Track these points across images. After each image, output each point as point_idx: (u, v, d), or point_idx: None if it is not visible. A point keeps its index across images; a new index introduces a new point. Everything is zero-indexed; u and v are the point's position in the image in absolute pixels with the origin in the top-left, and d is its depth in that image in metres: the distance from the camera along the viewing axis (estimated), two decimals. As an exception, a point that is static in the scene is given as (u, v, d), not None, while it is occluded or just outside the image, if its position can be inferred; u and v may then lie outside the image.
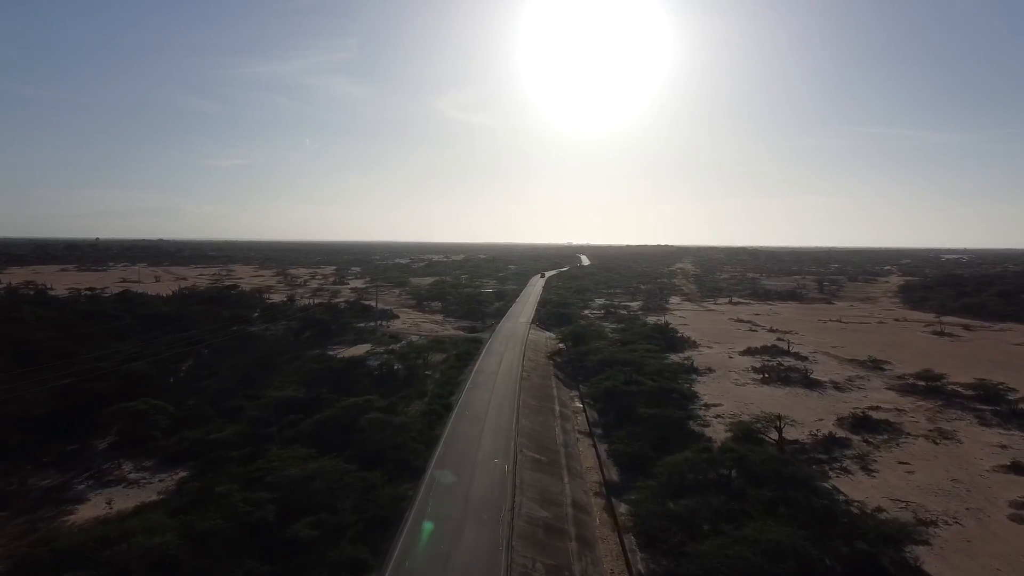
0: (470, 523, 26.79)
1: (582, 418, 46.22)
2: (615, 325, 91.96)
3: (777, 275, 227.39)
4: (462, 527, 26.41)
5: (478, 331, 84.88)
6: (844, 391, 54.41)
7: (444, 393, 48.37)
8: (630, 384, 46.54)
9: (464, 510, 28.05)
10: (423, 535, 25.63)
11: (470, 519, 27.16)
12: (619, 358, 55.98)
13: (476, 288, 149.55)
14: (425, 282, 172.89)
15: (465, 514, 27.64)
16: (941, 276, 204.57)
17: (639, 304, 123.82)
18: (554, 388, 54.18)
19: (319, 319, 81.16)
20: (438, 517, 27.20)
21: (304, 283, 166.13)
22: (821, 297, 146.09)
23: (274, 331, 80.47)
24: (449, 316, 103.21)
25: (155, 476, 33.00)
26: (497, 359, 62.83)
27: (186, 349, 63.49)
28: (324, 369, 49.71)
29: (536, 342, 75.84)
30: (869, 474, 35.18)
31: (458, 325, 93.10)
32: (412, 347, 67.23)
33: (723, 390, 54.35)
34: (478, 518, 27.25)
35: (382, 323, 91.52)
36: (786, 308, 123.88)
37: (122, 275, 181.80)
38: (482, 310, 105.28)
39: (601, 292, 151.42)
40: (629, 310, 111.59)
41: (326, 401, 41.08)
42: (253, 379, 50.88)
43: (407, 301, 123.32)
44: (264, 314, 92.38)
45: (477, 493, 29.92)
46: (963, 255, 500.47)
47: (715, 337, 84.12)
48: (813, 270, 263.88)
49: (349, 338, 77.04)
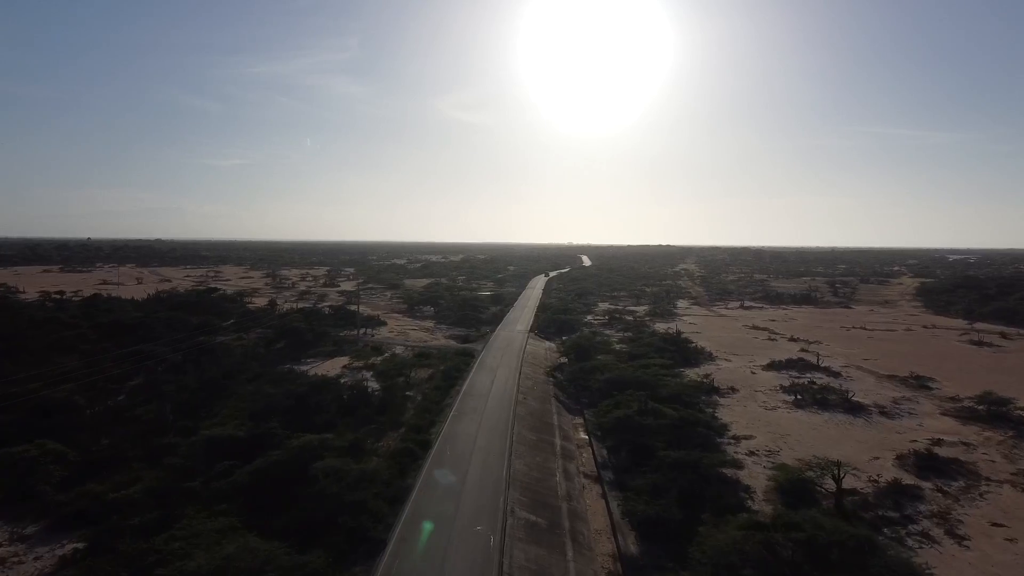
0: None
1: (588, 454, 38.49)
2: (621, 334, 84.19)
3: (785, 277, 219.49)
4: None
5: (471, 340, 77.10)
6: (893, 417, 46.60)
7: (423, 424, 40.62)
8: (645, 414, 38.78)
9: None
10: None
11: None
12: (630, 377, 48.18)
13: (472, 291, 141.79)
14: (420, 284, 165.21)
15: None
16: (957, 278, 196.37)
17: (645, 309, 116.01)
18: (554, 414, 46.42)
19: (294, 328, 73.37)
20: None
21: (292, 285, 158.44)
22: (837, 301, 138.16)
23: (246, 341, 72.80)
24: (441, 323, 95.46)
25: (33, 551, 25.25)
26: (490, 376, 55.10)
27: (138, 365, 55.81)
28: (282, 394, 41.85)
29: (534, 354, 68.10)
30: (959, 543, 27.40)
31: (450, 333, 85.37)
32: (394, 362, 59.47)
33: (752, 416, 46.55)
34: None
35: (367, 331, 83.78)
36: (802, 313, 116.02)
37: (104, 277, 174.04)
38: (477, 316, 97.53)
39: (604, 295, 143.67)
40: (635, 316, 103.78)
41: (274, 439, 33.32)
42: (198, 405, 43.17)
43: (398, 306, 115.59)
44: (239, 322, 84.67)
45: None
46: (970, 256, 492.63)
47: (732, 348, 76.31)
48: (821, 271, 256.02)
49: (327, 349, 69.24)
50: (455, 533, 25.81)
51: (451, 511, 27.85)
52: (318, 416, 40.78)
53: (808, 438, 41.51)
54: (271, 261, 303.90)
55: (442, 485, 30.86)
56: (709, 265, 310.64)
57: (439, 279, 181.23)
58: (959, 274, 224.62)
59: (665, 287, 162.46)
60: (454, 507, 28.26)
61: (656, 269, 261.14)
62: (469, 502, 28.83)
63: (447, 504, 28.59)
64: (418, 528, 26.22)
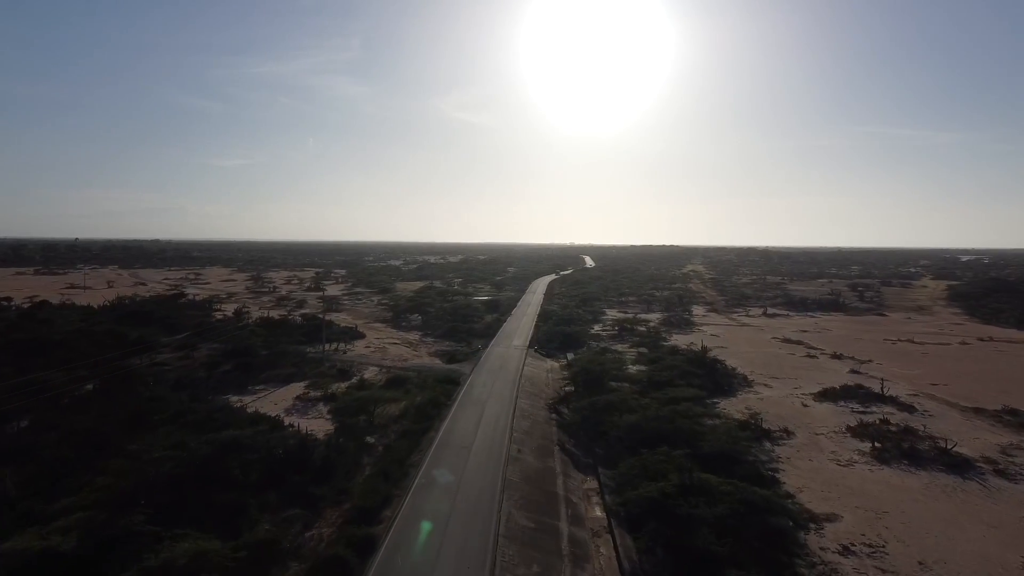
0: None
1: (608, 548, 26.69)
2: (636, 349, 72.31)
3: (801, 279, 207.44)
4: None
5: (460, 359, 65.27)
6: (1016, 480, 34.68)
7: (374, 502, 28.74)
8: (690, 493, 26.95)
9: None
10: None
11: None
12: (662, 428, 36.26)
13: (467, 296, 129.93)
14: (413, 288, 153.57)
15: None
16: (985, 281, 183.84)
17: (658, 317, 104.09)
18: (559, 476, 34.52)
19: (246, 347, 61.63)
20: None
21: (273, 290, 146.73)
22: (866, 307, 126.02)
23: (191, 361, 61.16)
24: (429, 335, 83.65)
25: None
26: (477, 413, 43.32)
27: (31, 399, 44.06)
28: (178, 459, 29.88)
29: (534, 379, 56.28)
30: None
31: (437, 348, 73.58)
32: (357, 394, 47.60)
33: (826, 478, 34.61)
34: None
35: (339, 347, 71.99)
36: (833, 322, 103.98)
37: (74, 280, 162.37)
38: (469, 327, 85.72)
39: (611, 300, 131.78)
40: (648, 326, 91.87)
41: (128, 551, 21.53)
42: (73, 467, 31.41)
43: (382, 314, 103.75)
44: (188, 337, 72.93)
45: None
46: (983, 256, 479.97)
47: (768, 367, 64.41)
48: (835, 273, 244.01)
49: (284, 372, 57.47)
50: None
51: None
52: (228, 487, 29.01)
53: (915, 519, 29.60)
54: (263, 262, 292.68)
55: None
56: (718, 266, 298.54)
57: (433, 282, 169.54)
58: (982, 276, 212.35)
59: (676, 291, 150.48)
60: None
61: (663, 271, 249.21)
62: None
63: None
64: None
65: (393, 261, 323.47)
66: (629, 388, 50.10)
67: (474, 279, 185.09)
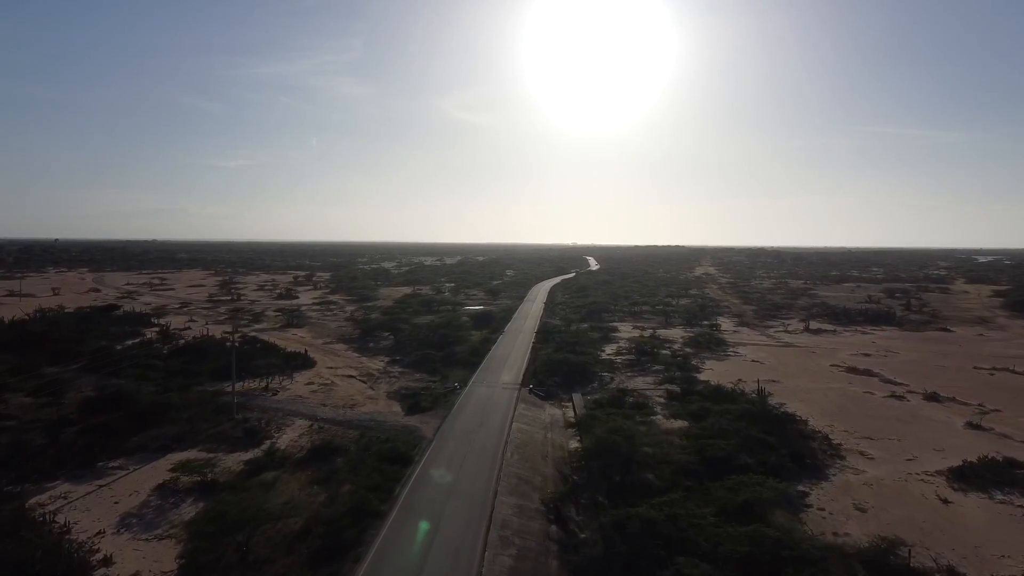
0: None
1: None
2: (664, 386, 54.94)
3: (826, 283, 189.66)
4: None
5: (425, 406, 47.78)
6: None
7: None
8: None
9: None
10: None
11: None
12: None
13: (456, 307, 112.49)
14: (398, 294, 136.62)
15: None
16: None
17: (681, 334, 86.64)
18: None
19: (119, 393, 44.26)
20: None
21: (238, 298, 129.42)
22: (920, 319, 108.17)
23: (61, 409, 44.02)
24: (398, 362, 66.28)
25: None
26: (426, 536, 26.01)
27: None
28: None
29: (527, 447, 38.79)
30: None
31: (401, 385, 56.19)
32: (238, 498, 30.11)
33: None
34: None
35: (274, 382, 54.79)
36: (894, 341, 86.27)
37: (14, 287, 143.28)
38: (450, 351, 68.31)
39: (622, 310, 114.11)
40: (672, 348, 74.35)
41: None
42: None
43: (350, 331, 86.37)
44: (84, 367, 55.76)
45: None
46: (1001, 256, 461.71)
47: (849, 418, 46.87)
48: (858, 276, 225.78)
49: (167, 433, 40.10)
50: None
51: None
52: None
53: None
54: (249, 264, 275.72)
55: None
56: (730, 268, 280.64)
57: (421, 289, 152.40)
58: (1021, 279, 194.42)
59: (694, 299, 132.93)
60: None
61: (673, 274, 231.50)
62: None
63: None
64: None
65: (387, 263, 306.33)
66: (671, 471, 32.73)
67: (468, 284, 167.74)
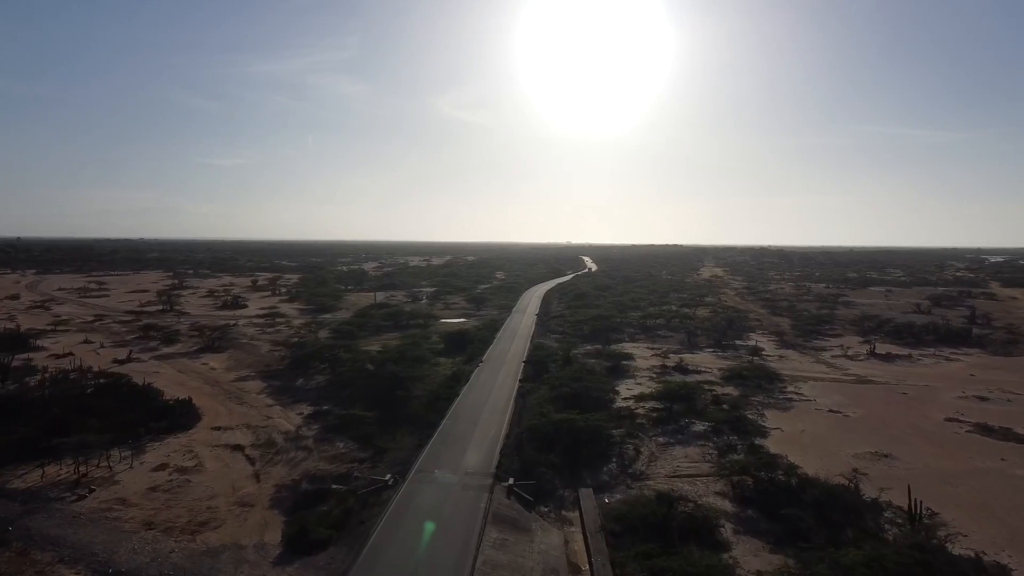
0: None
1: None
2: (722, 472, 34.50)
3: (854, 287, 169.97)
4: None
5: (323, 533, 27.22)
6: None
7: None
8: None
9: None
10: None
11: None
12: None
13: (427, 321, 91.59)
14: (364, 302, 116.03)
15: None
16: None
17: (715, 362, 66.25)
18: None
19: None
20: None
21: (170, 308, 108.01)
22: (1002, 337, 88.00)
23: None
24: (322, 414, 45.55)
25: None
26: None
27: None
28: None
29: None
30: None
31: (309, 467, 35.46)
32: None
33: None
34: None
35: (105, 461, 33.97)
36: (991, 369, 66.07)
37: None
38: (398, 405, 47.55)
39: (632, 324, 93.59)
40: (713, 390, 53.71)
41: None
42: None
43: (276, 362, 65.31)
44: None
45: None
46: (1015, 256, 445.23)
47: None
48: (878, 278, 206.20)
49: None
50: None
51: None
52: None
53: None
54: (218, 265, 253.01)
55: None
56: (738, 269, 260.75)
57: (393, 295, 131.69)
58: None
59: (714, 309, 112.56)
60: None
61: (678, 276, 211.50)
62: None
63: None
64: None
65: (369, 263, 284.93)
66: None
67: (451, 289, 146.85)
